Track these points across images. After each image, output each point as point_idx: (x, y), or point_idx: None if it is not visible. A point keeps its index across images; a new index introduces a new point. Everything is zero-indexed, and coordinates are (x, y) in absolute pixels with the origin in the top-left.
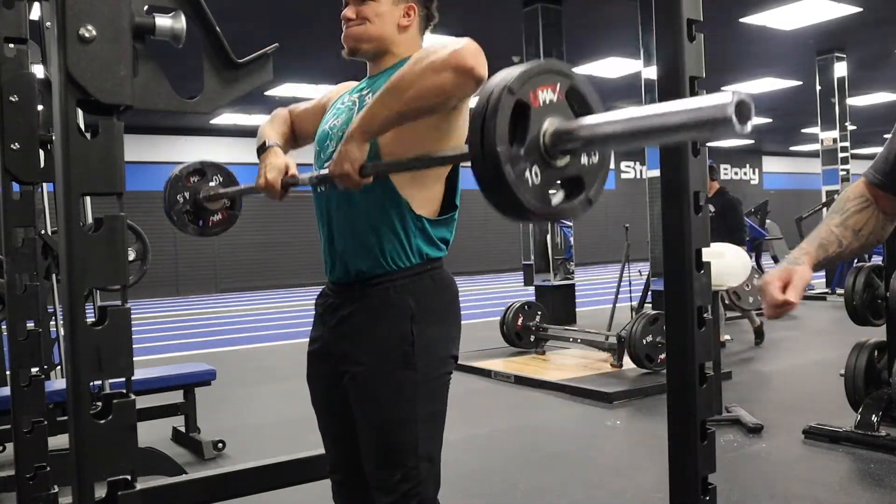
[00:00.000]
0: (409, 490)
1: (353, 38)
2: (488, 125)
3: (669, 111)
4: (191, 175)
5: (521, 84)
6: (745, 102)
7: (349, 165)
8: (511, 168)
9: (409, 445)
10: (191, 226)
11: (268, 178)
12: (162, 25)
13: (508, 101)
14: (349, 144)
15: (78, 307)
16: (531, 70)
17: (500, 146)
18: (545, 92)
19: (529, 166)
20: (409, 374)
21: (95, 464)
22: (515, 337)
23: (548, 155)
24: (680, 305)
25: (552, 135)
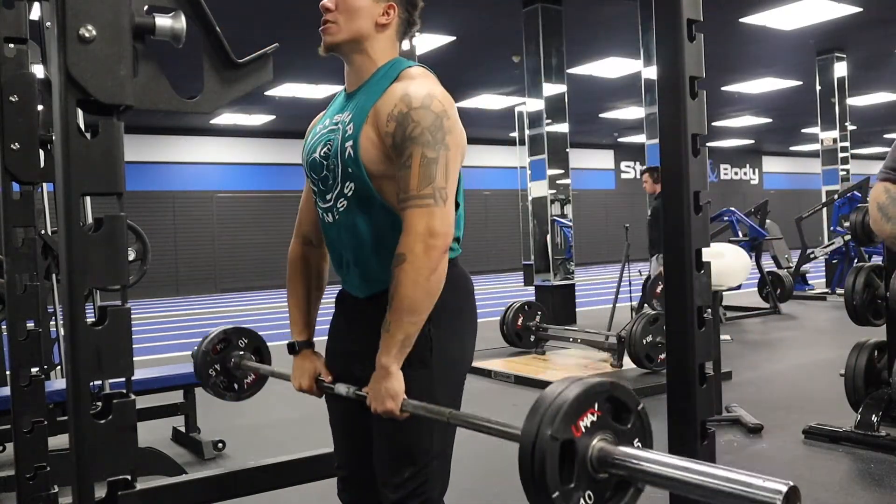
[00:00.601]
0: (416, 489)
1: (329, 34)
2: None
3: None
4: (217, 344)
5: (563, 428)
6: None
7: (392, 403)
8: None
9: (423, 444)
10: (228, 394)
11: (303, 386)
12: (162, 25)
13: (554, 448)
14: (389, 382)
15: (78, 307)
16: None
17: (553, 493)
18: (586, 418)
19: (582, 494)
20: (425, 372)
21: (95, 464)
22: (515, 337)
23: (594, 472)
24: (680, 305)
25: (598, 455)
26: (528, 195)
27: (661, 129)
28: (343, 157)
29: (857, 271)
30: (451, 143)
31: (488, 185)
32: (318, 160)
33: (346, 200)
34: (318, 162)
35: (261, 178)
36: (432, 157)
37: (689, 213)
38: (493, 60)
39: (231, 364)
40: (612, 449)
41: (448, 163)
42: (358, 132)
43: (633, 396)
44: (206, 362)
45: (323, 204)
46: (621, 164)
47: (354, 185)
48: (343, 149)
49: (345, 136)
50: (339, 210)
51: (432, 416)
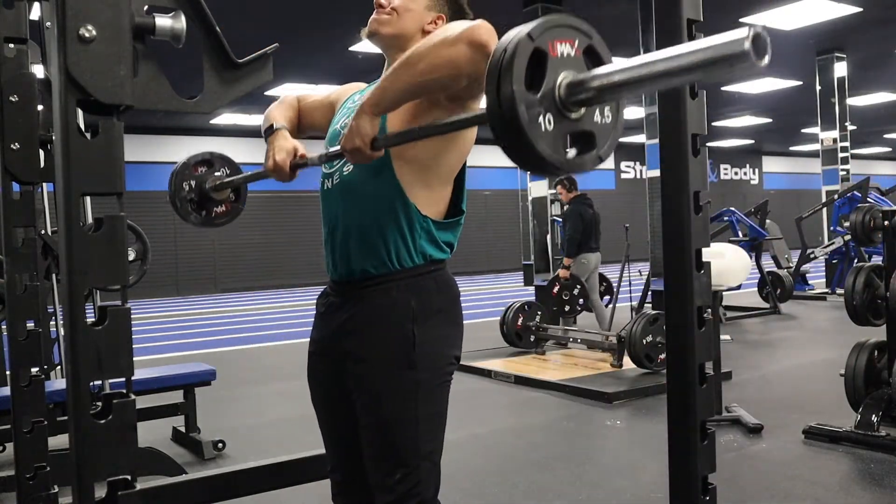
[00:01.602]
0: (410, 490)
1: (377, 23)
2: (505, 68)
3: (684, 52)
4: (199, 164)
5: (540, 32)
6: (761, 35)
7: (360, 140)
8: (525, 110)
9: (410, 445)
10: (193, 214)
11: (276, 160)
12: (162, 25)
13: (527, 46)
14: (360, 119)
15: (78, 307)
16: (551, 20)
17: (515, 86)
18: (563, 45)
19: (543, 112)
20: (410, 374)
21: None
22: (515, 337)
23: (562, 106)
24: (680, 305)
25: (567, 85)
26: (528, 195)
27: (661, 129)
28: None
29: (857, 271)
30: None
31: (488, 185)
32: (337, 130)
33: (353, 165)
34: (336, 132)
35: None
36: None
37: (689, 213)
38: None
39: (206, 186)
40: (581, 75)
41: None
42: None
43: (609, 53)
44: (184, 175)
45: (327, 169)
46: (621, 164)
47: None
48: None
49: None
50: (343, 174)
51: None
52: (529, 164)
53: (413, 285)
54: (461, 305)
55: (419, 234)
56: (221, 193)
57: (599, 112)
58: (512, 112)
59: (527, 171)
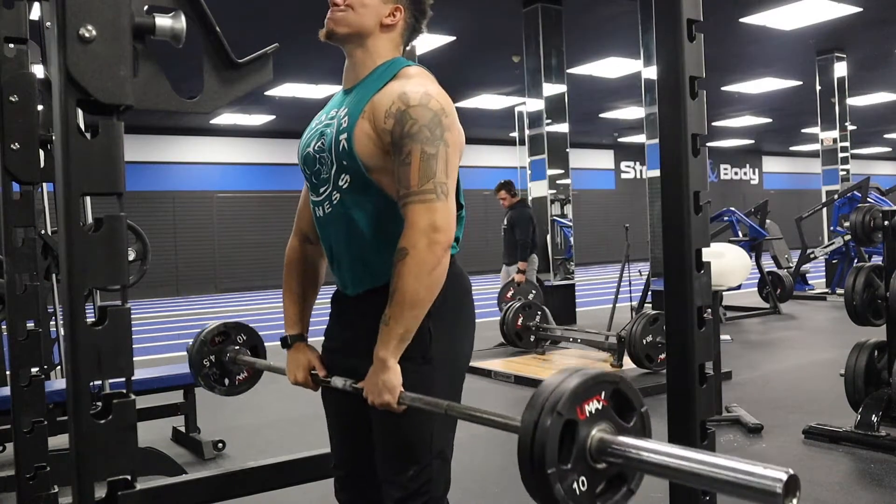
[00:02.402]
0: (420, 487)
1: (333, 22)
2: (537, 448)
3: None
4: (216, 336)
5: (570, 406)
6: (795, 480)
7: (390, 395)
8: (560, 486)
9: (424, 442)
10: (217, 387)
11: (299, 380)
12: (162, 25)
13: (557, 424)
14: (386, 374)
15: (78, 307)
16: (580, 389)
17: (549, 469)
18: (591, 404)
19: (577, 478)
20: (426, 369)
21: (95, 464)
22: (515, 337)
23: (592, 461)
24: (680, 305)
25: (598, 444)
26: (528, 195)
27: (661, 129)
28: (337, 150)
29: (857, 271)
30: (450, 139)
31: (488, 185)
32: (311, 154)
33: (340, 193)
34: (311, 156)
35: (261, 178)
36: (432, 153)
37: (689, 213)
38: (493, 60)
39: (226, 358)
40: (612, 438)
41: (448, 158)
42: (353, 125)
43: (639, 396)
44: (203, 352)
45: (316, 197)
46: (621, 164)
47: (350, 178)
48: (337, 141)
49: (339, 129)
50: (333, 202)
51: (430, 408)
52: None
53: None
54: (473, 300)
55: None
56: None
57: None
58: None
59: None
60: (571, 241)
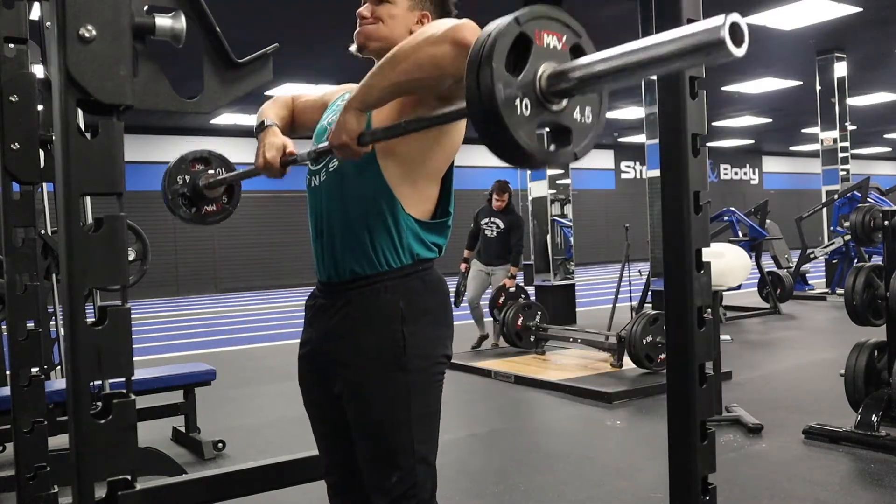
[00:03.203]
0: (406, 492)
1: (363, 36)
2: (487, 49)
3: (662, 41)
4: (196, 161)
5: (528, 18)
6: (738, 24)
7: (346, 135)
8: (503, 89)
9: (405, 447)
10: (183, 209)
11: (266, 157)
12: (162, 25)
13: (513, 29)
14: (346, 115)
15: (78, 307)
16: (541, 10)
17: (495, 64)
18: (550, 37)
19: (521, 97)
20: (401, 375)
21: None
22: (515, 337)
23: (542, 96)
24: (680, 305)
25: (549, 76)
26: (528, 195)
27: (661, 129)
28: None
29: (857, 271)
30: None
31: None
32: (324, 127)
33: (339, 162)
34: (323, 128)
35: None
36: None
37: (689, 213)
38: None
39: (200, 181)
40: (563, 66)
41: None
42: None
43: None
44: (179, 169)
45: (314, 166)
46: (621, 164)
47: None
48: None
49: None
50: (329, 170)
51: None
52: (503, 148)
53: (401, 286)
54: (451, 303)
55: (406, 233)
56: (214, 192)
57: (580, 110)
58: (489, 92)
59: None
60: (571, 241)
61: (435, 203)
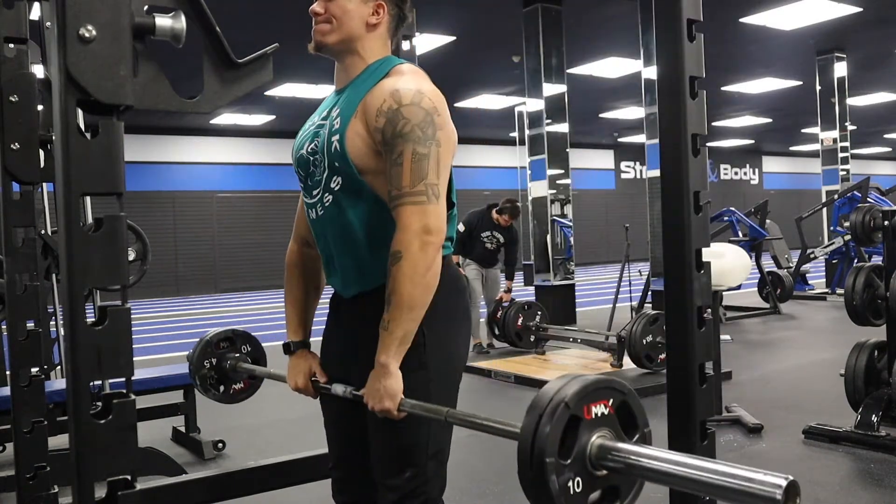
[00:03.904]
0: (416, 489)
1: (319, 34)
2: (541, 435)
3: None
4: (221, 341)
5: (578, 401)
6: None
7: (390, 402)
8: (556, 479)
9: (421, 444)
10: (212, 391)
11: (299, 385)
12: (162, 25)
13: (563, 415)
14: (387, 380)
15: (78, 307)
16: (590, 388)
17: (548, 458)
18: (598, 407)
19: (573, 477)
20: (422, 374)
21: (95, 464)
22: (515, 337)
23: (591, 465)
24: (680, 305)
25: (598, 448)
26: (528, 195)
27: (661, 129)
28: (329, 152)
29: (857, 271)
30: (443, 139)
31: (488, 185)
32: (304, 156)
33: (332, 195)
34: (304, 158)
35: (261, 178)
36: (423, 154)
37: (689, 213)
38: (493, 60)
39: (227, 364)
40: (612, 444)
41: (440, 158)
42: (345, 126)
43: (645, 415)
44: (205, 354)
45: (309, 199)
46: (621, 164)
47: (342, 180)
48: (329, 143)
49: (331, 131)
50: (325, 205)
51: (430, 415)
52: None
53: None
54: (467, 299)
55: None
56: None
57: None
58: (543, 481)
59: None
60: (571, 241)
61: None
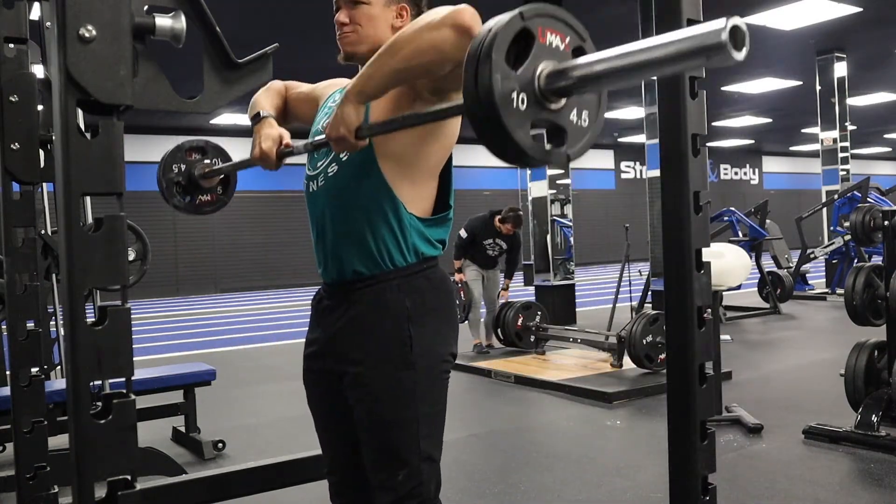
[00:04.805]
0: (411, 490)
1: (348, 44)
2: (488, 41)
3: (662, 42)
4: (192, 150)
5: (532, 14)
6: (739, 27)
7: (345, 128)
8: (500, 80)
9: (411, 445)
10: (177, 197)
11: (262, 148)
12: (162, 25)
13: (515, 23)
14: (345, 107)
15: (78, 307)
16: (547, 8)
17: (495, 55)
18: (553, 36)
19: (518, 91)
20: (408, 374)
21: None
22: (515, 337)
23: (541, 94)
24: (680, 305)
25: (548, 74)
26: (528, 195)
27: (661, 129)
28: None
29: (857, 271)
30: None
31: (488, 186)
32: (320, 130)
33: (338, 165)
34: (319, 131)
35: (261, 178)
36: None
37: (689, 213)
38: None
39: (196, 171)
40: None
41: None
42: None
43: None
44: (175, 158)
45: (312, 171)
46: (621, 164)
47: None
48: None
49: None
50: (328, 175)
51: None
52: (496, 143)
53: (406, 285)
54: (455, 301)
55: (410, 231)
56: (209, 182)
57: (577, 112)
58: (487, 84)
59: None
60: (571, 241)
61: (434, 198)
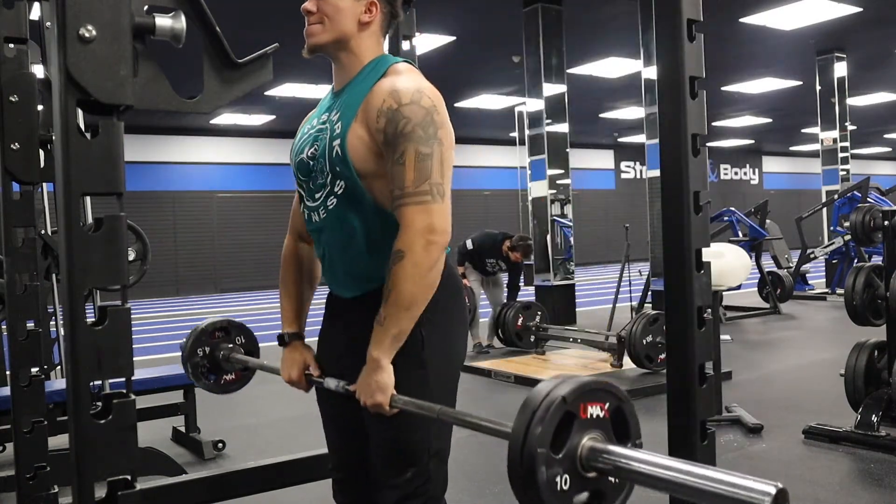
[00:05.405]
0: (418, 488)
1: (312, 35)
2: (534, 426)
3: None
4: (216, 331)
5: (575, 397)
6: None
7: (382, 396)
8: (545, 471)
9: (422, 444)
10: (203, 380)
11: (292, 377)
12: (162, 25)
13: (559, 409)
14: (378, 375)
15: (78, 307)
16: (587, 387)
17: (540, 448)
18: (594, 408)
19: (561, 473)
20: (421, 373)
21: (95, 464)
22: (515, 337)
23: (581, 466)
24: (680, 305)
25: (590, 450)
26: (528, 195)
27: (661, 129)
28: (331, 157)
29: (857, 271)
30: (444, 137)
31: (488, 185)
32: (305, 161)
33: (336, 198)
34: (305, 162)
35: (261, 178)
36: (426, 153)
37: (689, 213)
38: (493, 60)
39: (220, 354)
40: (603, 446)
41: (443, 157)
42: (346, 130)
43: (638, 426)
44: (199, 342)
45: (311, 203)
46: (621, 164)
47: (345, 184)
48: (331, 148)
49: (332, 136)
50: (329, 208)
51: (422, 412)
52: None
53: None
54: (464, 299)
55: None
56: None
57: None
58: (531, 471)
59: None
60: (571, 241)
61: None
